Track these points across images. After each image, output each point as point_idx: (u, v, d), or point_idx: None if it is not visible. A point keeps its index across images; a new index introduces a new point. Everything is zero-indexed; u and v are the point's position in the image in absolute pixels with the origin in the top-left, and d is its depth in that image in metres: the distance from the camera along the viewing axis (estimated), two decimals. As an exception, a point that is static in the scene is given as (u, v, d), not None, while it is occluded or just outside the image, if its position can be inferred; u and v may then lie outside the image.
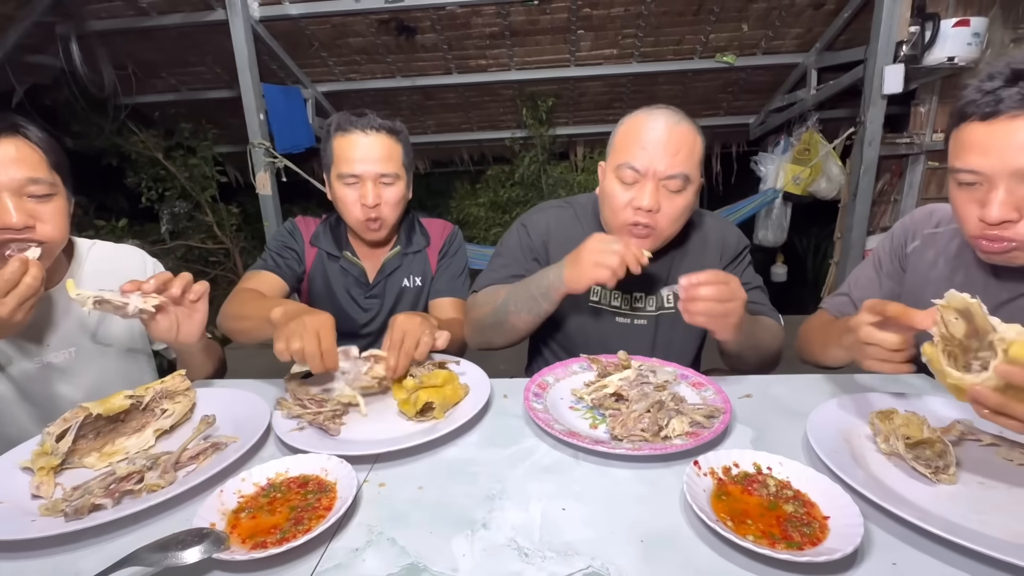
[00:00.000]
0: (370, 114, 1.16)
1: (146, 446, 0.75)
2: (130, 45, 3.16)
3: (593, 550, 0.53)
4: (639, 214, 0.94)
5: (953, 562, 0.50)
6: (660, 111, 0.96)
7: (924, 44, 2.47)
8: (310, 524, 0.56)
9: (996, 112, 0.67)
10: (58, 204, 0.86)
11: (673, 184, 0.94)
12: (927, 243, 0.94)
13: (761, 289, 1.11)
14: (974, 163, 0.70)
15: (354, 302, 1.26)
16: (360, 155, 1.13)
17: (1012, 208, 0.68)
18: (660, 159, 0.92)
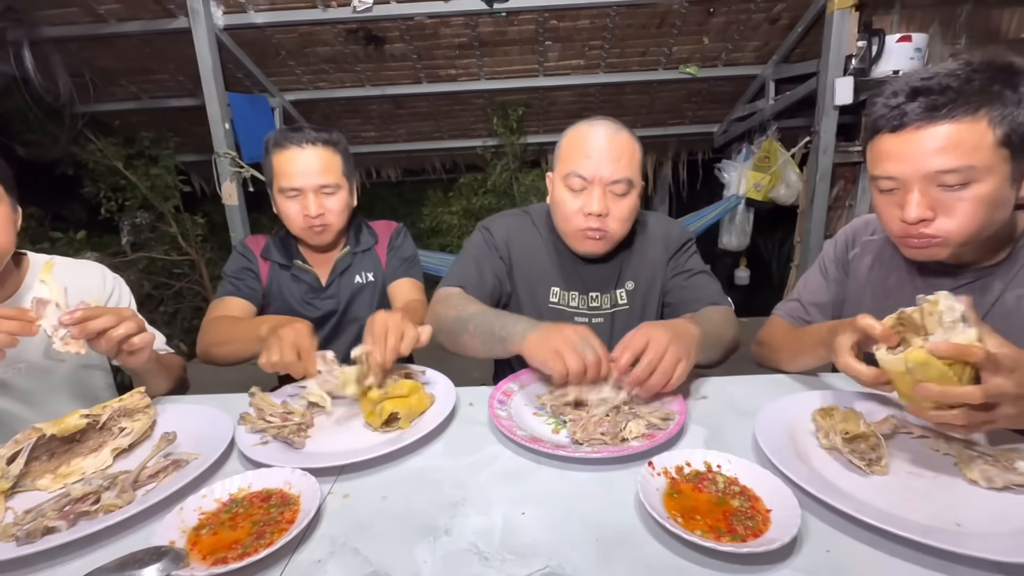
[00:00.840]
0: (306, 128, 1.20)
1: (103, 466, 0.73)
2: (87, 52, 3.07)
3: (551, 551, 0.55)
4: (590, 219, 1.01)
5: (883, 547, 0.54)
6: (600, 122, 1.03)
7: (871, 58, 2.62)
8: (272, 538, 0.56)
9: (903, 124, 0.74)
10: (3, 212, 0.85)
11: (619, 188, 1.01)
12: (865, 249, 1.01)
13: (708, 275, 1.16)
14: (890, 170, 0.77)
15: (310, 305, 1.29)
16: (298, 169, 1.16)
17: (927, 207, 0.75)
18: (605, 166, 0.99)
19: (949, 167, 0.72)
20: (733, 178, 3.48)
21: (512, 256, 1.16)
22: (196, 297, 3.96)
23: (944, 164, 0.72)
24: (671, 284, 1.15)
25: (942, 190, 0.74)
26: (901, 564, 0.52)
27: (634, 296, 1.14)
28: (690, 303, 1.09)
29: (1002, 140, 0.71)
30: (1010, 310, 0.82)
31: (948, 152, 0.72)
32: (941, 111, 0.71)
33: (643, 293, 1.15)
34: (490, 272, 1.13)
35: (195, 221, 3.87)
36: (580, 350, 0.77)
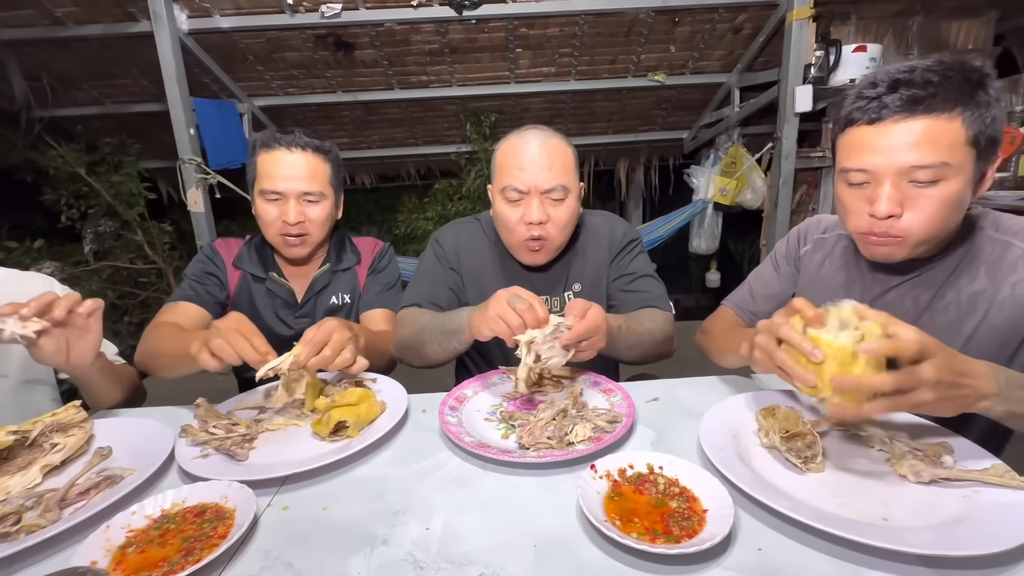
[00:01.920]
0: (297, 132, 1.15)
1: (31, 484, 0.70)
2: (45, 55, 2.97)
3: (487, 558, 0.55)
4: (531, 228, 1.03)
5: (813, 544, 0.55)
6: (530, 132, 1.05)
7: (829, 67, 2.71)
8: (201, 554, 0.54)
9: (880, 117, 0.75)
10: None
11: (555, 195, 1.03)
12: (816, 247, 1.03)
13: (652, 277, 1.17)
14: (864, 163, 0.77)
15: (283, 323, 1.22)
16: (283, 172, 1.11)
17: (897, 203, 0.76)
18: (538, 175, 1.01)
19: (924, 162, 0.72)
20: (701, 183, 3.54)
21: (462, 265, 1.17)
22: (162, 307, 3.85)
23: (919, 159, 0.72)
24: (614, 286, 1.16)
25: (913, 186, 0.75)
26: (831, 560, 0.53)
27: (582, 297, 1.15)
28: (631, 305, 1.11)
29: (971, 140, 0.72)
30: (948, 303, 0.85)
31: (924, 147, 0.72)
32: (920, 105, 0.72)
33: (589, 294, 1.16)
34: (443, 286, 1.14)
35: (162, 229, 3.77)
36: (512, 304, 0.80)
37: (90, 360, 0.86)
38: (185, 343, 0.87)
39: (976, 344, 0.82)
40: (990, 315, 0.81)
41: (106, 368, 0.96)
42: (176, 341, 0.97)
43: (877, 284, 0.92)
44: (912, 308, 0.87)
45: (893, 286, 0.89)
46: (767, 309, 1.08)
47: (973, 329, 0.82)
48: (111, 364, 1.01)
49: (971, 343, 0.83)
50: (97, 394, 0.96)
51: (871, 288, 0.92)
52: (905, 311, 0.87)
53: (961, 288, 0.84)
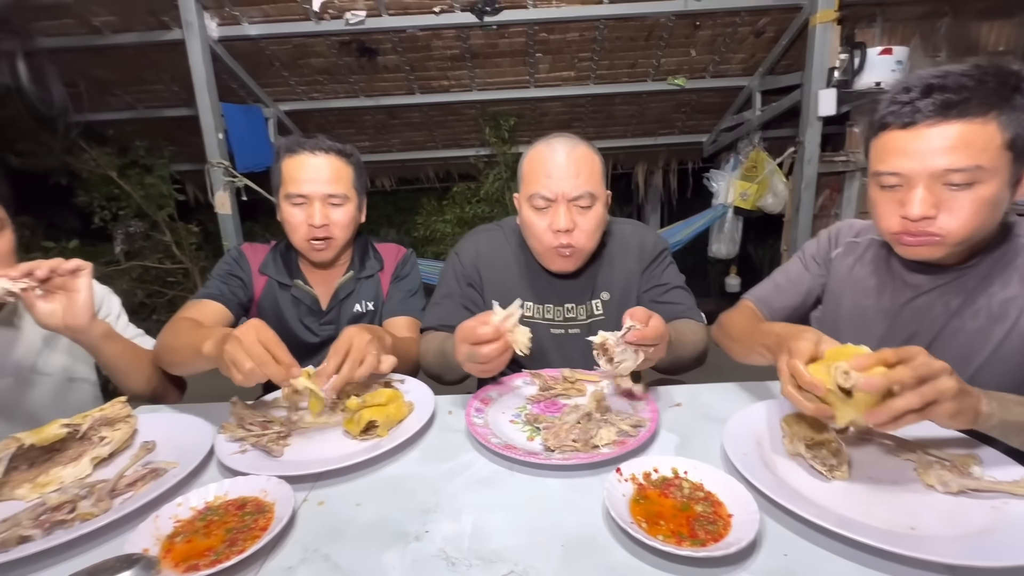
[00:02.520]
0: (320, 136, 1.17)
1: (83, 475, 0.74)
2: (82, 63, 3.09)
3: (516, 556, 0.56)
4: (559, 236, 1.04)
5: (839, 551, 0.56)
6: (557, 140, 1.06)
7: (854, 70, 2.67)
8: (244, 545, 0.57)
9: (914, 121, 0.75)
10: (7, 238, 0.87)
11: (582, 202, 1.04)
12: (848, 250, 1.04)
13: (683, 289, 1.17)
14: (897, 166, 0.78)
15: (308, 330, 1.24)
16: (308, 175, 1.13)
17: (931, 205, 0.76)
18: (566, 183, 1.02)
19: (958, 166, 0.73)
20: (721, 187, 3.52)
21: (482, 275, 1.18)
22: (189, 306, 3.96)
23: (953, 163, 0.73)
24: (645, 297, 1.17)
25: (947, 188, 0.75)
26: (856, 568, 0.54)
27: (610, 306, 1.16)
28: (664, 317, 1.10)
29: (1008, 143, 0.72)
30: (979, 309, 0.84)
31: (958, 151, 0.73)
32: (954, 109, 0.72)
33: (618, 303, 1.16)
34: (458, 306, 1.16)
35: (189, 230, 3.88)
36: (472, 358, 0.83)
37: (84, 321, 0.88)
38: (199, 340, 0.87)
39: (1006, 350, 0.82)
40: (1021, 321, 0.80)
41: (114, 338, 0.97)
42: (190, 336, 0.94)
43: (908, 289, 0.91)
44: (942, 313, 0.87)
45: (924, 291, 0.89)
46: (790, 304, 1.08)
47: (1004, 335, 0.82)
48: (126, 341, 1.03)
49: (1001, 349, 0.82)
50: (119, 373, 0.99)
51: (901, 293, 0.92)
52: (935, 316, 0.87)
53: (993, 294, 0.83)
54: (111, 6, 2.62)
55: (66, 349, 1.04)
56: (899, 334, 0.91)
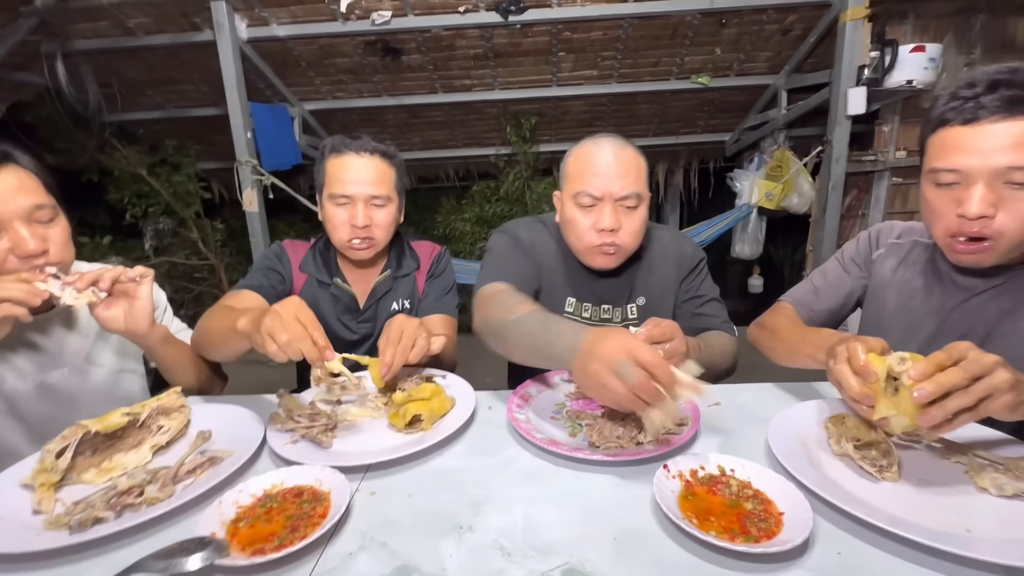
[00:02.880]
0: (365, 137, 1.19)
1: (143, 461, 0.77)
2: (116, 63, 3.18)
3: (570, 548, 0.58)
4: (603, 235, 1.04)
5: (893, 551, 0.56)
6: (605, 139, 1.05)
7: (884, 68, 2.63)
8: (306, 531, 0.59)
9: (977, 117, 0.74)
10: (63, 225, 0.91)
11: (628, 203, 1.03)
12: (890, 252, 1.03)
13: (718, 301, 1.18)
14: (956, 163, 0.76)
15: (345, 328, 1.26)
16: (352, 176, 1.15)
17: (990, 204, 0.75)
18: (613, 182, 1.02)
19: (1022, 164, 0.72)
20: (745, 187, 3.48)
21: (537, 261, 1.17)
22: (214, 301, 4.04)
23: (1017, 160, 0.72)
24: (683, 308, 1.17)
25: (1008, 187, 0.74)
26: (911, 567, 0.54)
27: (645, 311, 1.16)
28: (699, 329, 1.13)
29: None
30: None
31: (1022, 148, 0.71)
32: (1021, 105, 0.71)
33: (654, 308, 1.17)
34: (526, 268, 1.12)
35: (214, 227, 3.97)
36: (621, 375, 0.64)
37: (144, 326, 0.92)
38: (234, 319, 0.86)
39: None
40: None
41: (171, 342, 1.02)
42: (226, 318, 0.94)
43: (959, 291, 0.90)
44: (996, 314, 0.86)
45: (977, 293, 0.88)
46: (829, 308, 1.08)
47: None
48: (180, 342, 1.07)
49: None
50: (170, 371, 1.04)
51: (952, 295, 0.91)
52: (988, 317, 0.86)
53: None
54: (145, 8, 2.69)
55: (117, 342, 1.07)
56: (949, 335, 0.90)
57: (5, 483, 0.71)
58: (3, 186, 0.83)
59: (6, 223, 0.83)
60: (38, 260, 0.85)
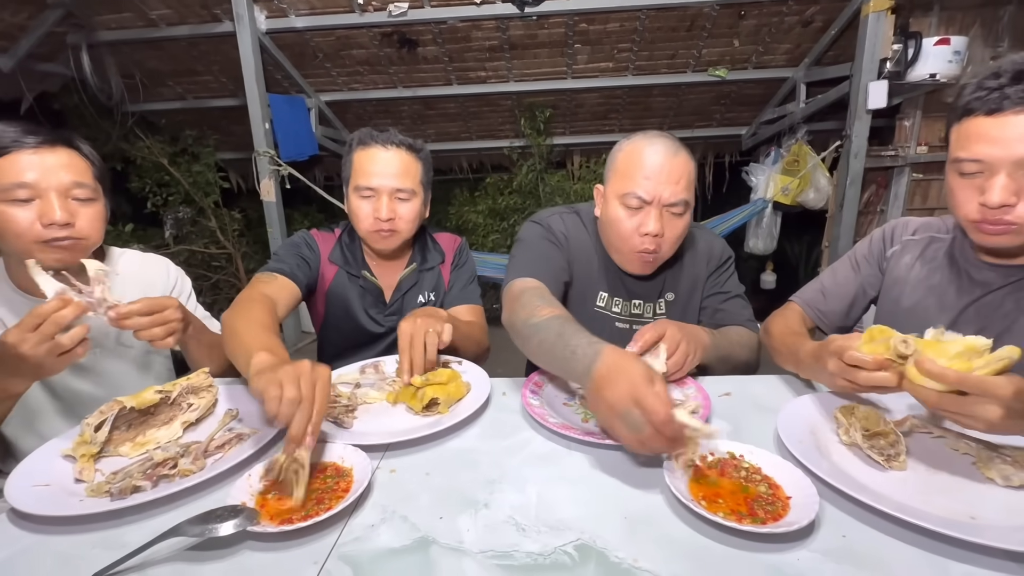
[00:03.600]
0: (392, 130, 1.20)
1: (175, 437, 0.81)
2: (139, 55, 3.24)
3: (582, 525, 0.60)
4: (646, 240, 1.02)
5: (898, 535, 0.57)
6: (658, 140, 1.02)
7: (907, 61, 2.58)
8: (331, 503, 0.63)
9: (1001, 108, 0.74)
10: (98, 208, 0.95)
11: (676, 209, 1.01)
12: (905, 248, 1.03)
13: (741, 298, 1.18)
14: (979, 153, 0.77)
15: (373, 320, 1.28)
16: (378, 169, 1.16)
17: (1012, 193, 0.76)
18: (664, 188, 0.99)
19: None
20: (761, 181, 3.45)
21: (571, 252, 1.15)
22: (232, 289, 4.13)
23: None
24: (707, 302, 1.18)
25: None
26: (915, 552, 0.55)
27: (673, 307, 1.17)
28: (722, 323, 1.13)
29: None
30: None
31: None
32: None
33: (682, 305, 1.17)
34: (557, 262, 1.10)
35: (232, 216, 4.04)
36: (630, 426, 0.63)
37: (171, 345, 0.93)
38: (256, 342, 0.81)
39: None
40: None
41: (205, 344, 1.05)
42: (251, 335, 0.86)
43: (976, 287, 0.90)
44: (1013, 310, 0.86)
45: (993, 288, 0.88)
46: (838, 309, 1.08)
47: None
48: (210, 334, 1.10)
49: None
50: (197, 361, 1.07)
51: (969, 291, 0.91)
52: (1005, 312, 0.87)
53: None
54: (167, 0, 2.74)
55: None
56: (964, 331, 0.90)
57: (48, 453, 0.75)
58: (52, 160, 0.89)
59: (43, 191, 0.88)
60: (62, 231, 0.89)
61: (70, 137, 0.94)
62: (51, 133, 0.92)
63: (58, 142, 0.91)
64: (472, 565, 0.55)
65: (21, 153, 0.88)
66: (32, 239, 0.89)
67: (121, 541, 0.60)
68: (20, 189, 0.87)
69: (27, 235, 0.89)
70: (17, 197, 0.87)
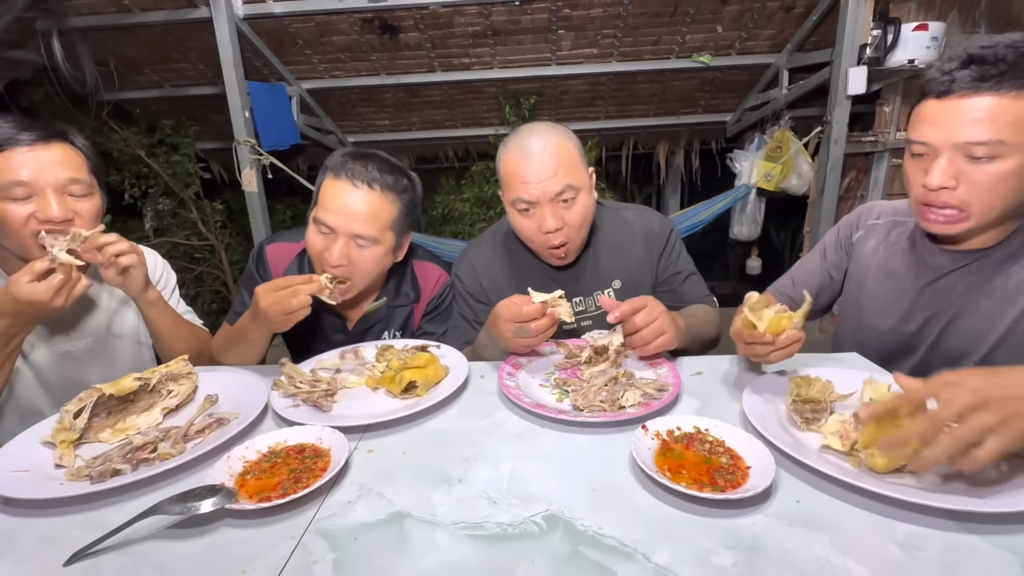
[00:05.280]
0: (375, 161, 1.06)
1: (155, 423, 0.82)
2: (112, 41, 3.16)
3: (552, 497, 0.62)
4: (551, 237, 1.03)
5: (847, 499, 0.61)
6: (528, 136, 1.02)
7: (886, 47, 2.61)
8: (308, 482, 0.64)
9: (949, 91, 0.77)
10: (95, 202, 0.96)
11: (565, 196, 1.01)
12: (869, 233, 1.06)
13: (696, 275, 1.20)
14: (925, 135, 0.80)
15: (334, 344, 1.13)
16: (340, 207, 1.01)
17: (950, 176, 0.78)
18: (544, 184, 0.99)
19: (979, 139, 0.74)
20: (744, 168, 3.48)
21: (486, 290, 1.19)
22: (216, 281, 4.09)
23: (976, 135, 0.74)
24: (665, 285, 1.19)
25: (968, 161, 0.77)
26: (863, 514, 0.58)
27: (622, 294, 1.17)
28: (681, 304, 1.16)
29: None
30: (995, 288, 0.86)
31: (983, 124, 0.74)
32: (988, 82, 0.73)
33: (631, 290, 1.17)
34: (476, 310, 1.19)
35: (214, 207, 3.98)
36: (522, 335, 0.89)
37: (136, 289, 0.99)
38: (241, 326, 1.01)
39: (1021, 331, 0.84)
40: None
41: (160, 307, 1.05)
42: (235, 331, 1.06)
43: (930, 271, 0.94)
44: (963, 293, 0.89)
45: (945, 272, 0.91)
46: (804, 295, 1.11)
47: (1018, 315, 0.84)
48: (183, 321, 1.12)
49: (1015, 329, 0.85)
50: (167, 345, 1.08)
51: (924, 274, 0.94)
52: (957, 296, 0.90)
53: (1011, 275, 0.85)
54: (141, -17, 2.67)
55: (134, 316, 1.12)
56: (919, 314, 0.94)
57: (28, 440, 0.76)
58: (48, 156, 0.89)
59: (40, 189, 0.89)
60: (59, 227, 0.90)
61: (65, 131, 0.94)
62: (46, 128, 0.92)
63: (53, 137, 0.91)
64: (444, 536, 0.57)
65: (16, 150, 0.88)
66: (30, 235, 0.89)
67: (103, 522, 0.61)
68: (17, 187, 0.87)
69: (24, 231, 0.89)
70: (14, 196, 0.88)
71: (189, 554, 0.56)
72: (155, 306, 1.05)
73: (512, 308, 0.90)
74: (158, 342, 1.11)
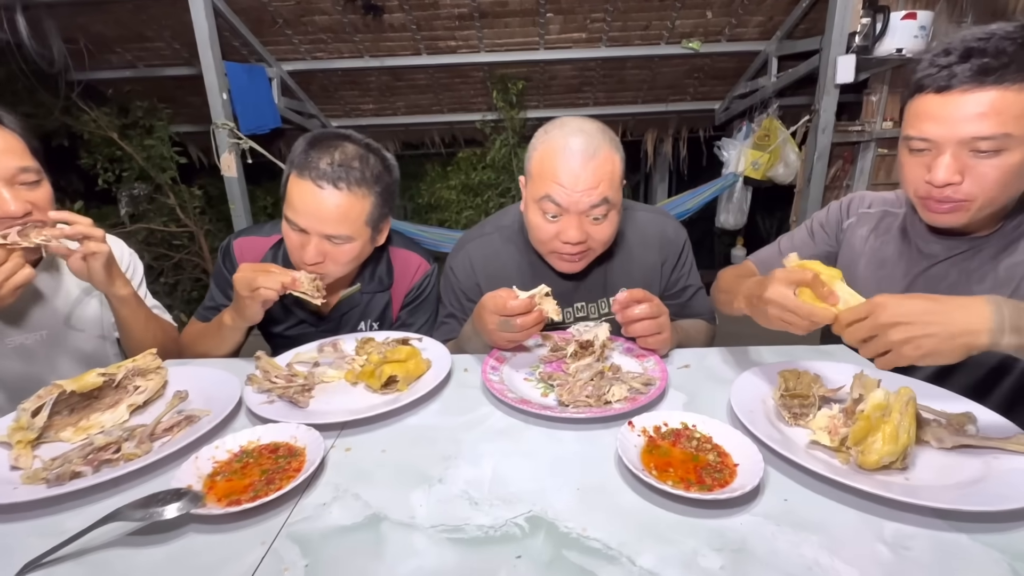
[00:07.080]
0: (340, 151, 0.99)
1: (120, 420, 0.78)
2: (81, 17, 3.02)
3: (535, 498, 0.60)
4: (569, 246, 0.96)
5: (836, 497, 0.60)
6: (575, 137, 0.92)
7: (875, 35, 2.60)
8: (281, 483, 0.61)
9: (949, 86, 0.75)
10: (46, 189, 0.91)
11: (598, 212, 0.94)
12: (861, 221, 1.05)
13: (703, 289, 1.19)
14: (926, 131, 0.78)
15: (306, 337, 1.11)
16: (308, 209, 0.97)
17: (956, 171, 0.77)
18: (582, 196, 0.91)
19: (986, 134, 0.73)
20: (732, 156, 3.47)
21: (482, 288, 1.10)
22: (196, 269, 3.99)
23: (981, 131, 0.73)
24: (673, 298, 1.16)
25: (973, 155, 0.76)
26: (852, 512, 0.58)
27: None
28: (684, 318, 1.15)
29: None
30: (986, 273, 0.86)
31: (988, 118, 0.72)
32: (991, 76, 0.71)
33: None
34: (464, 308, 1.15)
35: (192, 193, 3.86)
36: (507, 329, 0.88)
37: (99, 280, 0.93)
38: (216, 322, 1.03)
39: None
40: (1022, 287, 0.83)
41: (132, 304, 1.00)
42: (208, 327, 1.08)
43: (924, 258, 0.93)
44: (958, 280, 0.89)
45: (940, 260, 0.91)
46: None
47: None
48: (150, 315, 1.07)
49: None
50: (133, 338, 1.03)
51: (917, 262, 0.94)
52: (950, 284, 0.90)
53: (1002, 260, 0.85)
54: (110, -43, 2.54)
55: (96, 308, 1.07)
56: None
57: (-19, 441, 0.71)
58: None
59: None
60: (19, 221, 0.84)
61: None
62: None
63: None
64: (422, 539, 0.55)
65: None
66: None
67: (59, 528, 0.58)
68: None
69: None
70: None
71: (151, 562, 0.53)
72: (127, 303, 0.99)
73: (497, 300, 0.88)
74: (126, 339, 1.06)
